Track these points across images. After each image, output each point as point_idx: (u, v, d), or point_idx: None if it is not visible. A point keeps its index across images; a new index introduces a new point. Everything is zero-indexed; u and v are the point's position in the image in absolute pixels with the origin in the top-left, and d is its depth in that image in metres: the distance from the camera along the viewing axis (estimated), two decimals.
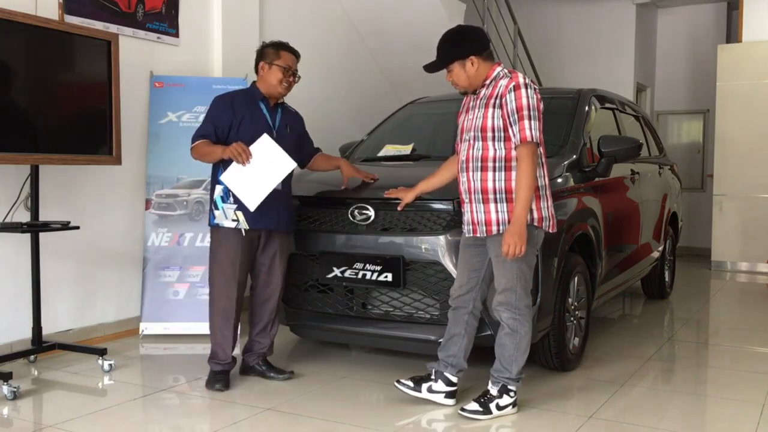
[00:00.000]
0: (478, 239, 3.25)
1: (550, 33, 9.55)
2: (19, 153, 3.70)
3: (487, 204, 3.14)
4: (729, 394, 3.66)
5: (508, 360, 3.21)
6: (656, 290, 6.16)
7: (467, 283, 3.33)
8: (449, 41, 3.25)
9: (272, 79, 3.60)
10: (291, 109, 3.82)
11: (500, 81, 3.16)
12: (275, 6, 5.88)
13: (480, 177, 3.15)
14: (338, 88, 6.69)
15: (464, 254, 3.36)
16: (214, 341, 3.63)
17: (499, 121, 3.11)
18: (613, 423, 3.19)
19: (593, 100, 4.68)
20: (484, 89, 3.21)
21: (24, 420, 3.24)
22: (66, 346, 4.10)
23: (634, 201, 5.07)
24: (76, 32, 3.97)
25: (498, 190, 3.13)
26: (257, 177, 3.46)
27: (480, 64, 3.20)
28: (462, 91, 3.29)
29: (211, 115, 3.59)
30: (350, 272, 3.74)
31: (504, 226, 3.12)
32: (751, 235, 7.96)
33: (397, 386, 3.42)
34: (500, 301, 3.19)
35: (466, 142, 3.24)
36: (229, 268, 3.57)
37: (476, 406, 3.20)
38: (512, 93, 3.08)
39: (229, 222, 3.55)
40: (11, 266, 4.11)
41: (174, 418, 3.29)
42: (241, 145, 3.42)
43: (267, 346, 3.78)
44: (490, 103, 3.14)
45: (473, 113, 3.22)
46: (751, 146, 7.91)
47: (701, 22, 9.62)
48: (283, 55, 3.62)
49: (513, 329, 3.19)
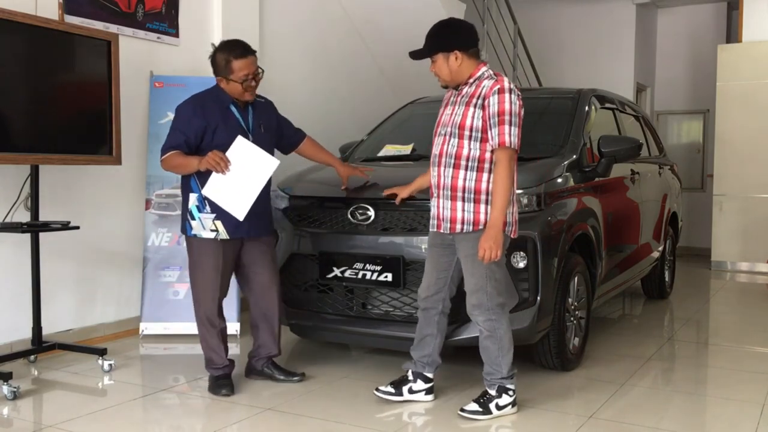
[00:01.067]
0: (446, 238, 3.25)
1: (550, 33, 9.55)
2: (19, 153, 3.70)
3: (455, 201, 3.14)
4: (729, 394, 3.66)
5: (495, 362, 3.21)
6: (656, 290, 6.16)
7: (436, 283, 3.33)
8: (437, 32, 3.23)
9: (234, 92, 3.43)
10: (261, 101, 3.64)
11: (484, 81, 3.14)
12: (275, 6, 5.88)
13: (451, 174, 3.14)
14: (338, 88, 6.69)
15: (432, 254, 3.35)
16: (206, 348, 3.58)
17: (479, 121, 3.10)
18: (613, 423, 3.19)
19: (593, 100, 4.69)
20: (467, 87, 3.19)
21: (24, 420, 3.24)
22: (66, 346, 4.10)
23: (634, 201, 5.07)
24: (76, 32, 3.97)
25: (467, 189, 3.12)
26: (240, 183, 3.33)
27: (464, 60, 3.16)
28: (443, 84, 3.26)
29: (180, 124, 3.41)
30: (350, 272, 3.74)
31: (468, 226, 3.12)
32: (751, 235, 7.96)
33: (378, 394, 3.42)
34: (473, 304, 3.19)
35: (441, 136, 3.22)
36: (210, 277, 3.47)
37: (476, 407, 3.20)
38: (496, 96, 3.06)
39: (207, 233, 3.44)
40: (11, 266, 4.11)
41: (174, 418, 3.29)
42: (217, 154, 3.28)
43: (273, 348, 3.70)
44: (472, 102, 3.13)
45: (453, 109, 3.21)
46: (751, 146, 7.91)
47: (701, 22, 9.62)
48: (236, 66, 3.38)
49: (491, 331, 3.18)
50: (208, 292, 3.50)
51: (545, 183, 3.72)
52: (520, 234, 3.49)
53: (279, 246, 3.95)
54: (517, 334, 3.49)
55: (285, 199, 4.07)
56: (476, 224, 3.12)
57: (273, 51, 5.78)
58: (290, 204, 4.03)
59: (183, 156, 3.39)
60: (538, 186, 3.66)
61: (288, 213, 4.01)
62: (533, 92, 5.88)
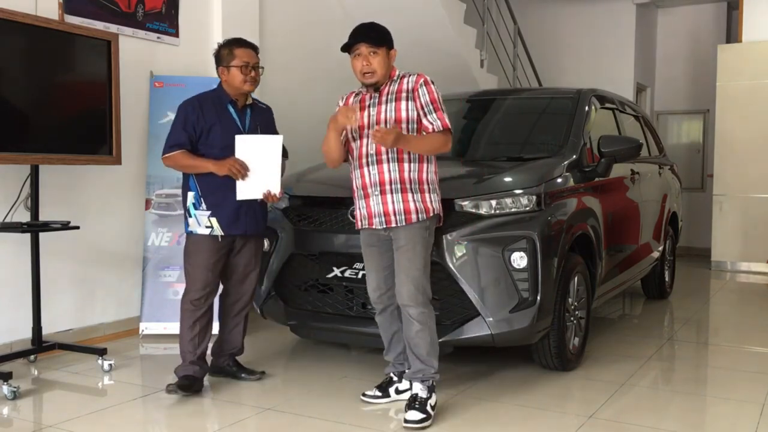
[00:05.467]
0: (381, 235, 3.26)
1: (550, 33, 9.55)
2: (19, 153, 3.70)
3: (405, 193, 3.19)
4: (729, 394, 3.66)
5: (427, 357, 3.19)
6: (656, 290, 6.15)
7: (384, 282, 3.32)
8: (384, 28, 3.34)
9: (234, 80, 3.50)
10: (262, 106, 3.73)
11: (406, 78, 3.27)
12: (275, 6, 5.88)
13: (397, 168, 3.20)
14: (338, 89, 6.65)
15: (370, 255, 3.34)
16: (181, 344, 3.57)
17: (413, 112, 3.22)
18: (613, 423, 3.19)
19: (593, 100, 4.69)
20: (389, 86, 3.28)
21: (24, 420, 3.24)
22: (66, 346, 4.10)
23: (634, 201, 5.07)
24: (76, 32, 3.98)
25: (412, 180, 3.20)
26: (261, 173, 3.44)
27: (393, 60, 3.31)
28: (368, 82, 3.27)
29: (182, 122, 3.49)
30: (350, 272, 3.74)
31: (422, 215, 3.18)
32: (751, 235, 7.96)
33: (366, 400, 3.42)
34: (409, 296, 3.17)
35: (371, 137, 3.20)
36: (203, 274, 3.51)
37: (418, 414, 3.09)
38: (423, 87, 3.22)
39: (202, 229, 3.51)
40: (11, 266, 4.11)
41: (174, 418, 3.29)
42: (233, 164, 3.37)
43: (237, 347, 3.77)
44: (401, 97, 3.23)
45: (377, 108, 3.26)
46: (751, 146, 7.91)
47: (701, 22, 9.62)
48: (238, 53, 3.51)
49: (423, 323, 3.18)
50: (198, 283, 3.52)
51: (545, 183, 3.72)
52: (521, 234, 3.50)
53: (279, 246, 3.96)
54: (517, 334, 3.50)
55: (285, 199, 4.07)
56: (427, 212, 3.20)
57: (273, 51, 5.78)
58: (290, 204, 4.03)
59: (192, 157, 3.47)
60: (538, 186, 3.66)
61: (288, 213, 4.01)
62: (533, 92, 5.89)
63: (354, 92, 3.45)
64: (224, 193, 3.46)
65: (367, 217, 3.26)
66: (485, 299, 3.45)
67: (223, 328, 3.77)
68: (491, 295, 3.46)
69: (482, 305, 3.45)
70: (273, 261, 3.97)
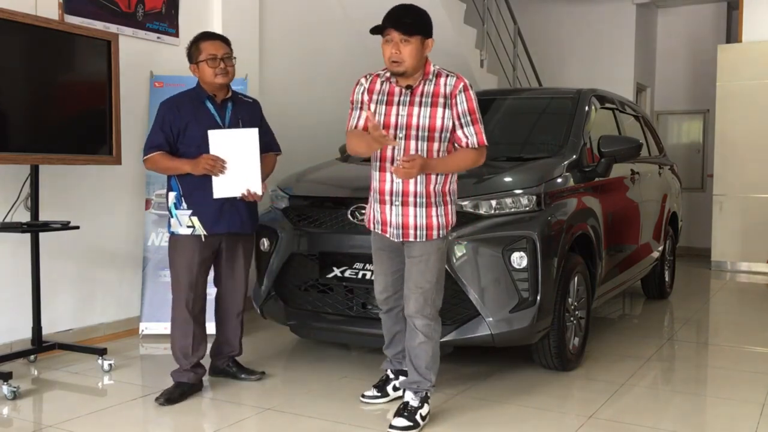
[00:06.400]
0: (393, 242, 3.11)
1: (550, 33, 9.55)
2: (19, 153, 3.70)
3: (430, 208, 3.02)
4: (729, 394, 3.67)
5: (425, 371, 3.10)
6: (656, 290, 6.16)
7: (393, 284, 3.22)
8: (422, 13, 2.98)
9: (205, 75, 3.45)
10: (246, 99, 3.67)
11: (444, 79, 3.01)
12: (275, 6, 5.88)
13: (424, 180, 2.99)
14: (338, 89, 6.67)
15: (380, 258, 3.22)
16: (173, 351, 3.54)
17: (449, 121, 2.99)
18: (613, 423, 3.19)
19: (593, 100, 4.69)
20: (424, 85, 3.01)
21: (24, 420, 3.24)
22: (66, 346, 4.10)
23: (634, 201, 5.07)
24: (76, 32, 3.97)
25: (437, 192, 3.03)
26: (239, 169, 3.38)
27: (428, 51, 3.02)
28: (396, 71, 2.97)
29: (160, 123, 3.45)
30: (350, 272, 3.74)
31: (443, 230, 3.05)
32: (751, 235, 7.96)
33: (365, 401, 3.41)
34: (416, 308, 3.05)
35: (402, 140, 3.00)
36: (188, 275, 3.46)
37: (405, 422, 3.03)
38: (462, 94, 2.98)
39: (184, 229, 3.45)
40: (11, 266, 4.11)
41: (174, 418, 3.29)
42: (207, 159, 3.32)
43: (236, 348, 3.75)
44: (438, 102, 2.98)
45: (408, 110, 3.00)
46: (751, 146, 7.91)
47: (701, 22, 9.62)
48: (203, 46, 3.46)
49: (427, 336, 3.08)
50: (183, 293, 3.47)
51: (545, 183, 3.72)
52: (521, 234, 3.50)
53: (279, 246, 3.95)
54: (517, 334, 3.50)
55: (285, 199, 4.07)
56: (447, 227, 3.08)
57: (273, 51, 5.78)
58: (290, 204, 4.03)
59: (170, 158, 3.44)
60: (538, 186, 3.66)
61: (288, 213, 4.02)
62: (533, 92, 5.89)
63: (379, 75, 3.13)
64: (205, 192, 3.41)
65: (381, 224, 3.10)
66: (485, 299, 3.45)
67: (220, 330, 3.74)
68: (491, 295, 3.46)
69: (482, 305, 3.45)
70: (273, 261, 3.97)
